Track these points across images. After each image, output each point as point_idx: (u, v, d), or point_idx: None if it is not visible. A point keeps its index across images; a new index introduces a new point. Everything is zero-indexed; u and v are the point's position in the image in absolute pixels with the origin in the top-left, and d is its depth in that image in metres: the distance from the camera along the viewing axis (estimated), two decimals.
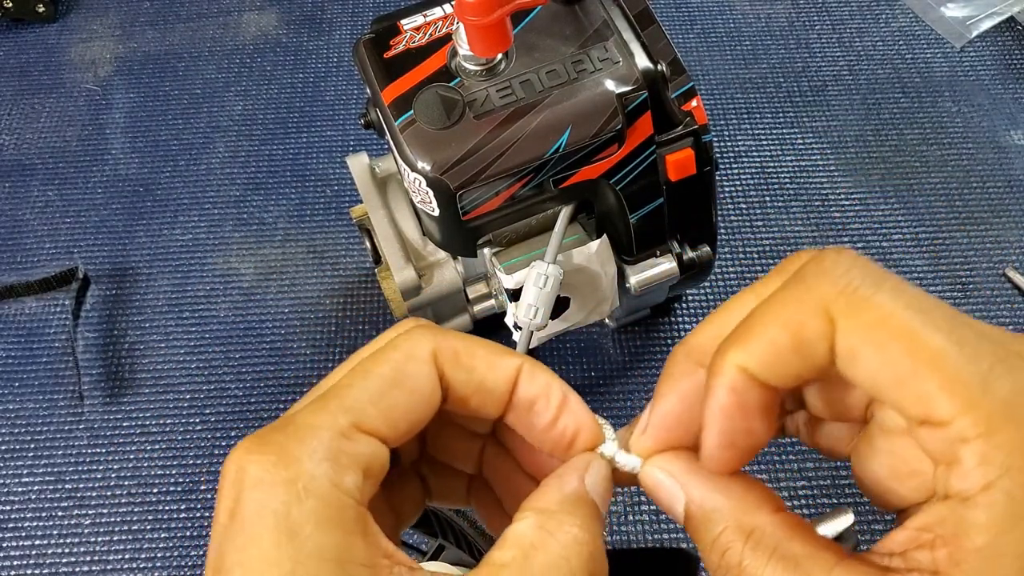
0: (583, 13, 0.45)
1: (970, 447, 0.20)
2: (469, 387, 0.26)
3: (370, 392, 0.25)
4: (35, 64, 0.75)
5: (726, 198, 0.65)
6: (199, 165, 0.68)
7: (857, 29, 0.74)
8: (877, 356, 0.21)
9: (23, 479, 0.55)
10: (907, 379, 0.20)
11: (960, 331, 0.20)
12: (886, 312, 0.21)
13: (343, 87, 0.72)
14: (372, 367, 0.25)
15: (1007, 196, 0.64)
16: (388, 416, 0.25)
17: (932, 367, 0.20)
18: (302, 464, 0.23)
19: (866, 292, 0.21)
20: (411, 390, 0.25)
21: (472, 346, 0.27)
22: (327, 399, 0.24)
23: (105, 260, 0.64)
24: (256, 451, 0.23)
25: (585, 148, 0.44)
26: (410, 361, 0.25)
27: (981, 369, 0.20)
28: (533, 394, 0.27)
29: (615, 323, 0.59)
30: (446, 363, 0.26)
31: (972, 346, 0.20)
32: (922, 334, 0.20)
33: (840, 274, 0.22)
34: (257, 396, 0.58)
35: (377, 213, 0.52)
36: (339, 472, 0.23)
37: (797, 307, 0.22)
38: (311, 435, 0.23)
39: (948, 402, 0.20)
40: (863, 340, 0.21)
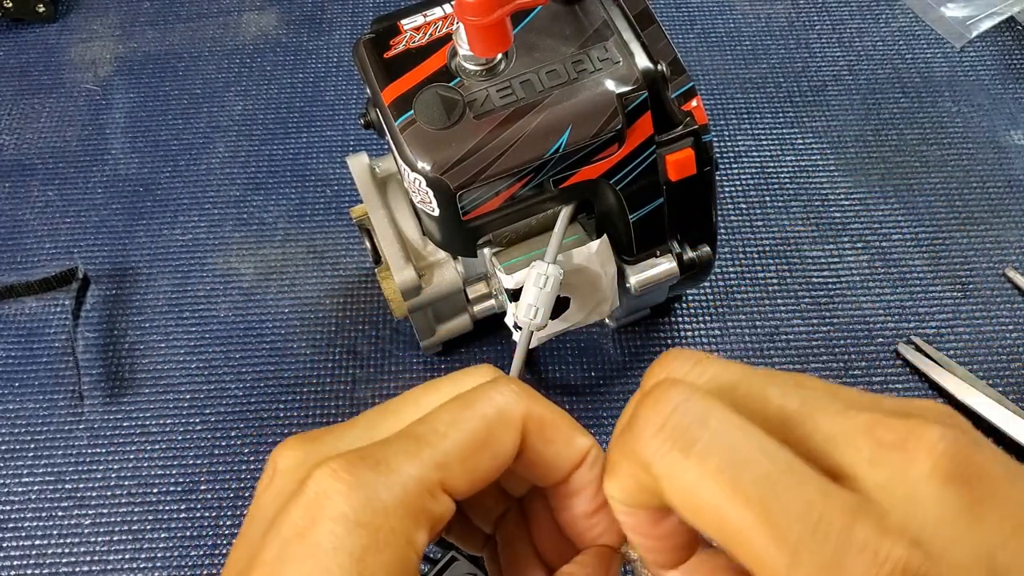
0: (583, 13, 0.45)
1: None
2: (543, 457, 0.27)
3: (461, 449, 0.25)
4: (35, 64, 0.75)
5: (726, 198, 0.65)
6: (199, 165, 0.68)
7: (857, 29, 0.74)
8: (694, 520, 0.22)
9: (23, 479, 0.55)
10: (727, 541, 0.21)
11: (772, 493, 0.20)
12: (693, 481, 0.21)
13: (343, 87, 0.72)
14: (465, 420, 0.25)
15: (1007, 196, 0.64)
16: (472, 478, 0.25)
17: (741, 541, 0.20)
18: (388, 514, 0.23)
19: (674, 458, 0.21)
20: (495, 455, 0.25)
21: (556, 419, 0.27)
22: (420, 444, 0.24)
23: (105, 260, 0.64)
24: (346, 482, 0.23)
25: (585, 148, 0.44)
26: (501, 424, 0.26)
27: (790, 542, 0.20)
28: (587, 480, 0.27)
29: (615, 323, 0.59)
30: (531, 432, 0.26)
31: (783, 513, 0.20)
32: (728, 506, 0.20)
33: (659, 426, 0.22)
34: (257, 396, 0.58)
35: (377, 213, 0.52)
36: (416, 529, 0.23)
37: (629, 460, 0.23)
38: (400, 485, 0.23)
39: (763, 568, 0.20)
40: (678, 504, 0.22)
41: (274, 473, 0.25)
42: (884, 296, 0.60)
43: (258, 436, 0.56)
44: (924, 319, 0.59)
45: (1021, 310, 0.59)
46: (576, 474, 0.27)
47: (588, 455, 0.27)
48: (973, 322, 0.59)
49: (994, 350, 0.58)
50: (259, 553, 0.23)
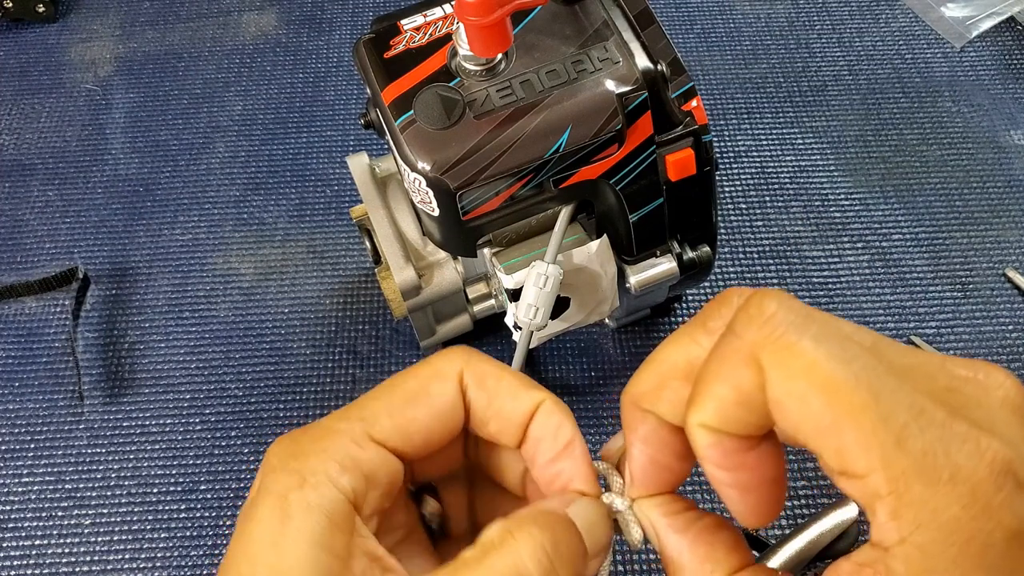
0: (583, 13, 0.45)
1: (883, 503, 0.20)
2: (489, 411, 0.28)
3: (390, 405, 0.27)
4: (35, 64, 0.75)
5: (726, 198, 0.65)
6: (199, 165, 0.68)
7: (857, 29, 0.74)
8: (799, 408, 0.21)
9: (23, 479, 0.55)
10: (826, 432, 0.21)
11: (880, 383, 0.21)
12: (808, 361, 0.21)
13: (343, 87, 0.72)
14: (400, 382, 0.28)
15: (1007, 196, 0.64)
16: (403, 429, 0.27)
17: (849, 422, 0.21)
18: (308, 459, 0.26)
19: (789, 339, 0.22)
20: (431, 406, 0.27)
21: (500, 372, 0.28)
22: (352, 407, 0.27)
23: (105, 260, 0.64)
24: (281, 444, 0.27)
25: (585, 148, 0.44)
26: (435, 378, 0.28)
27: (896, 425, 0.20)
28: (543, 432, 0.28)
29: (615, 323, 0.59)
30: (471, 384, 0.28)
31: (889, 400, 0.21)
32: (841, 387, 0.21)
33: (765, 320, 0.22)
34: (257, 396, 0.58)
35: (377, 213, 0.52)
36: (339, 472, 0.26)
37: (731, 360, 0.23)
38: (327, 437, 0.26)
39: (863, 458, 0.20)
40: (787, 392, 0.22)
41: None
42: (884, 296, 0.60)
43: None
44: (924, 319, 0.59)
45: (1021, 310, 0.59)
46: (532, 426, 0.28)
47: (541, 406, 0.28)
48: (973, 322, 0.59)
49: (994, 350, 0.58)
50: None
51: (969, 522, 0.20)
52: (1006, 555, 0.20)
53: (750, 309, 0.23)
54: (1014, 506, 0.20)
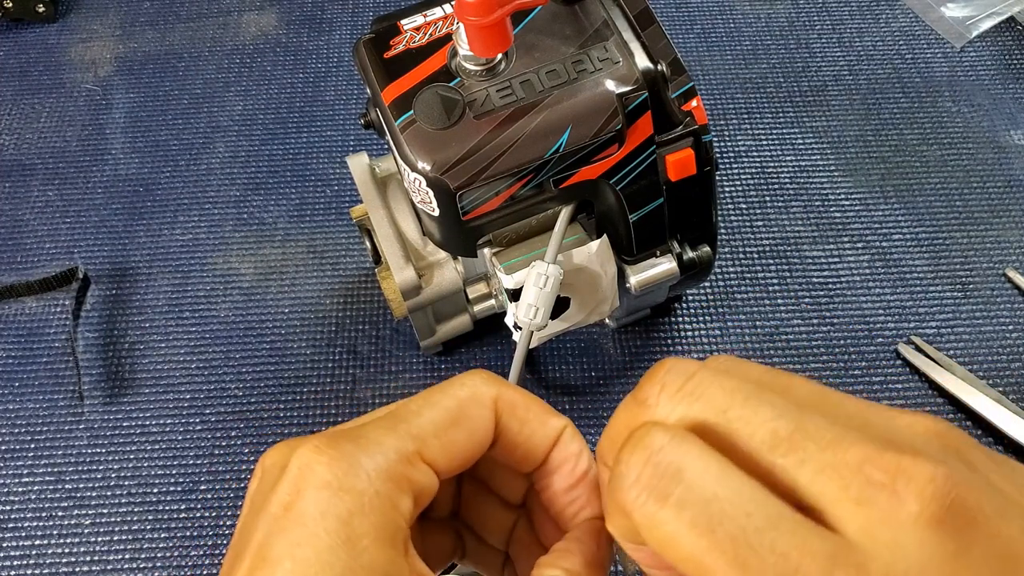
0: (583, 13, 0.45)
1: None
2: (519, 437, 0.28)
3: (436, 424, 0.26)
4: (35, 64, 0.75)
5: (726, 198, 0.65)
6: (199, 165, 0.68)
7: (857, 29, 0.74)
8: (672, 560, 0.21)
9: (23, 479, 0.55)
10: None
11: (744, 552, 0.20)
12: (668, 535, 0.21)
13: (343, 87, 0.72)
14: (439, 400, 0.27)
15: (1007, 196, 0.64)
16: (447, 450, 0.26)
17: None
18: (371, 480, 0.24)
19: (650, 509, 0.21)
20: (470, 430, 0.27)
21: (528, 402, 0.29)
22: (397, 420, 0.26)
23: (105, 260, 0.64)
24: (327, 454, 0.24)
25: (585, 148, 0.44)
26: (473, 402, 0.27)
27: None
28: (563, 457, 0.29)
29: (615, 323, 0.59)
30: (504, 412, 0.28)
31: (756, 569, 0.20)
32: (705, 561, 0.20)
33: (630, 484, 0.22)
34: (257, 396, 0.58)
35: (377, 213, 0.52)
36: (399, 494, 0.24)
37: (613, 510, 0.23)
38: (380, 453, 0.25)
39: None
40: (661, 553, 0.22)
41: (261, 472, 0.26)
42: (884, 296, 0.60)
43: (258, 436, 0.56)
44: (924, 319, 0.59)
45: (1021, 310, 0.59)
46: (554, 453, 0.29)
47: (563, 433, 0.29)
48: (973, 322, 0.59)
49: (994, 350, 0.58)
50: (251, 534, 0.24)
51: None
52: None
53: (627, 452, 0.23)
54: None
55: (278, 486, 0.24)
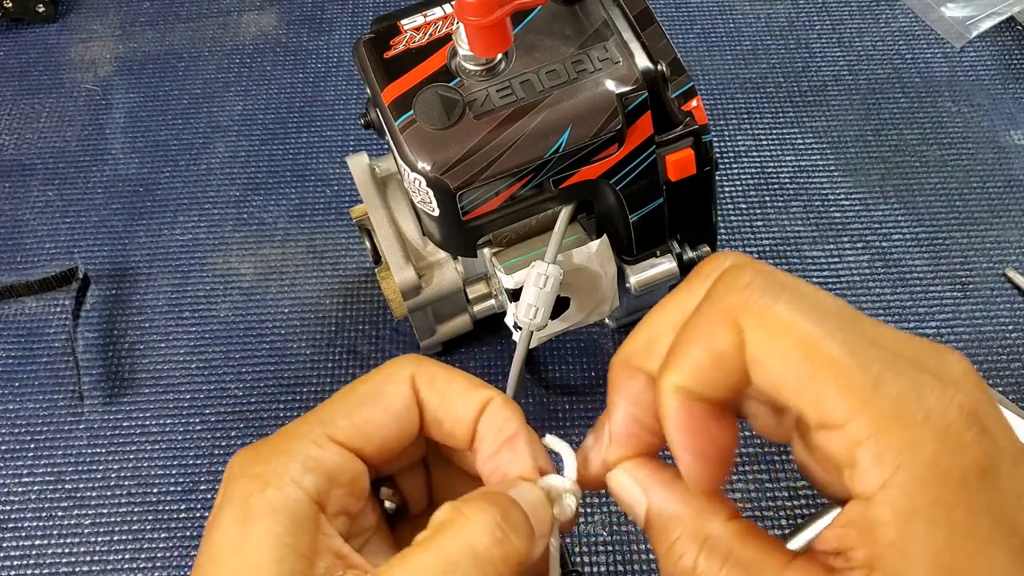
0: (583, 13, 0.45)
1: (864, 448, 0.21)
2: (441, 411, 0.29)
3: (345, 406, 0.28)
4: (35, 64, 0.75)
5: (726, 198, 0.65)
6: (199, 165, 0.68)
7: (857, 29, 0.74)
8: (778, 364, 0.22)
9: (23, 479, 0.55)
10: (805, 385, 0.22)
11: (852, 339, 0.22)
12: (785, 321, 0.22)
13: (343, 87, 0.72)
14: (355, 385, 0.28)
15: (1007, 196, 0.64)
16: (361, 429, 0.27)
17: (826, 374, 0.22)
18: (269, 463, 0.26)
19: (767, 302, 0.23)
20: (385, 407, 0.28)
21: (451, 374, 0.29)
22: (309, 414, 0.28)
23: (105, 260, 0.64)
24: (242, 454, 0.27)
25: (585, 148, 0.44)
26: (388, 381, 0.28)
27: (871, 374, 0.21)
28: (490, 423, 0.29)
29: (615, 323, 0.59)
30: (423, 385, 0.29)
31: (862, 353, 0.22)
32: (817, 343, 0.22)
33: (744, 285, 0.23)
34: (257, 396, 0.58)
35: (377, 213, 0.52)
36: (302, 472, 0.26)
37: (709, 323, 0.24)
38: (287, 441, 0.27)
39: (842, 406, 0.21)
40: (765, 349, 0.23)
41: None
42: (884, 296, 0.60)
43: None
44: (924, 319, 0.59)
45: (1021, 310, 0.59)
46: (480, 423, 0.29)
47: (488, 402, 0.29)
48: (973, 322, 0.59)
49: (994, 350, 0.58)
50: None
51: (946, 458, 0.21)
52: (980, 490, 0.21)
53: (727, 278, 0.24)
54: (984, 444, 0.21)
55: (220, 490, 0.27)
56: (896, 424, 0.21)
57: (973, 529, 0.21)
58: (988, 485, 0.21)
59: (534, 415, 0.56)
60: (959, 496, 0.21)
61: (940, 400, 0.21)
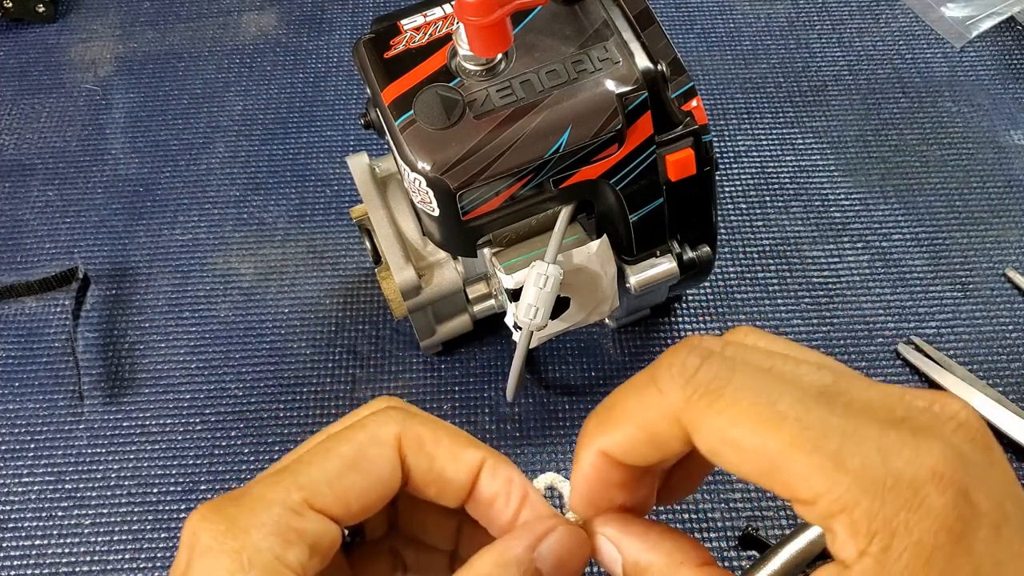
0: (583, 13, 0.45)
1: (838, 521, 0.21)
2: (429, 475, 0.27)
3: (327, 472, 0.26)
4: (35, 64, 0.75)
5: (726, 198, 0.65)
6: (199, 165, 0.68)
7: (857, 29, 0.74)
8: (736, 455, 0.22)
9: (23, 479, 0.55)
10: (768, 471, 0.22)
11: (808, 414, 0.22)
12: (733, 414, 0.22)
13: (343, 87, 0.72)
14: (334, 446, 0.27)
15: (1007, 196, 0.64)
16: (342, 497, 0.26)
17: (785, 457, 0.21)
18: (249, 536, 0.24)
19: (709, 398, 0.22)
20: (369, 473, 0.26)
21: (436, 434, 0.28)
22: (284, 474, 0.26)
23: (105, 260, 0.64)
24: (209, 519, 0.25)
25: (585, 148, 0.44)
26: (373, 444, 0.27)
27: (831, 448, 0.21)
28: (493, 491, 0.28)
29: (615, 323, 0.59)
30: (409, 450, 0.27)
31: (819, 427, 0.21)
32: (772, 429, 0.22)
33: (687, 379, 0.23)
34: (257, 396, 0.58)
35: (377, 213, 0.52)
36: (284, 547, 0.24)
37: (652, 413, 0.24)
38: (262, 508, 0.25)
39: (808, 486, 0.21)
40: (720, 443, 0.22)
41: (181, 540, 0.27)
42: (884, 296, 0.60)
43: (258, 436, 0.56)
44: (924, 319, 0.59)
45: (1021, 310, 0.59)
46: (479, 487, 0.28)
47: (483, 465, 0.28)
48: (973, 322, 0.59)
49: (994, 350, 0.58)
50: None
51: (917, 524, 0.20)
52: (953, 555, 0.20)
53: (673, 365, 0.23)
54: (958, 508, 0.20)
55: (177, 557, 0.25)
56: (864, 495, 0.21)
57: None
58: (961, 550, 0.20)
59: (534, 415, 0.56)
60: (930, 564, 0.20)
61: (909, 463, 0.21)
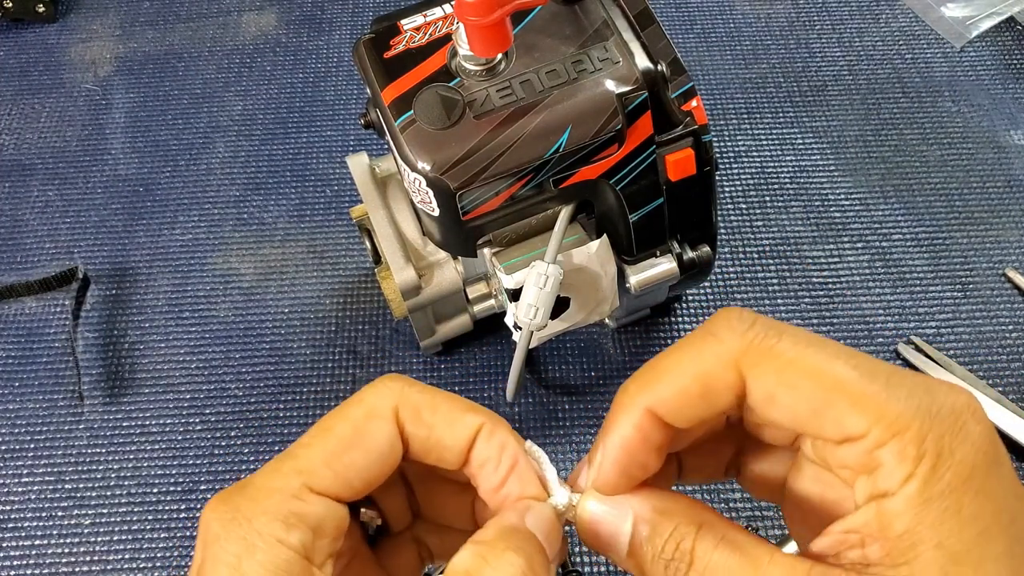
0: (583, 13, 0.45)
1: (887, 449, 0.23)
2: (428, 443, 0.28)
3: (326, 453, 0.27)
4: (35, 64, 0.75)
5: (726, 198, 0.65)
6: (199, 165, 0.68)
7: (857, 29, 0.74)
8: (791, 395, 0.24)
9: (23, 479, 0.55)
10: (821, 409, 0.23)
11: (854, 358, 0.24)
12: (791, 356, 0.24)
13: (343, 87, 0.72)
14: (333, 425, 0.27)
15: (1007, 196, 0.64)
16: (343, 476, 0.27)
17: (840, 393, 0.23)
18: (253, 523, 0.25)
19: (770, 342, 0.24)
20: (369, 449, 0.27)
21: (434, 401, 0.28)
22: (284, 460, 0.27)
23: (105, 260, 0.64)
24: (218, 510, 0.26)
25: (585, 148, 0.44)
26: (370, 419, 0.27)
27: (879, 383, 0.23)
28: (486, 456, 0.28)
29: (615, 323, 0.59)
30: (407, 419, 0.28)
31: (867, 367, 0.23)
32: (825, 368, 0.23)
33: (745, 329, 0.25)
34: (257, 396, 0.58)
35: (377, 213, 0.52)
36: (286, 530, 0.25)
37: (709, 360, 0.25)
38: (264, 496, 0.26)
39: (861, 418, 0.23)
40: (777, 384, 0.24)
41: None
42: (884, 296, 0.60)
43: (258, 436, 0.56)
44: (924, 319, 0.59)
45: (1021, 310, 0.59)
46: (474, 451, 0.28)
47: (480, 429, 0.28)
48: (973, 322, 0.59)
49: (994, 350, 0.58)
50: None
51: (960, 447, 0.22)
52: (988, 476, 0.22)
53: (731, 319, 0.25)
54: (991, 436, 0.23)
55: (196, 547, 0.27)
56: (914, 421, 0.22)
57: (978, 512, 0.22)
58: (995, 473, 0.22)
59: (534, 415, 0.56)
60: (969, 482, 0.22)
61: (948, 395, 0.23)
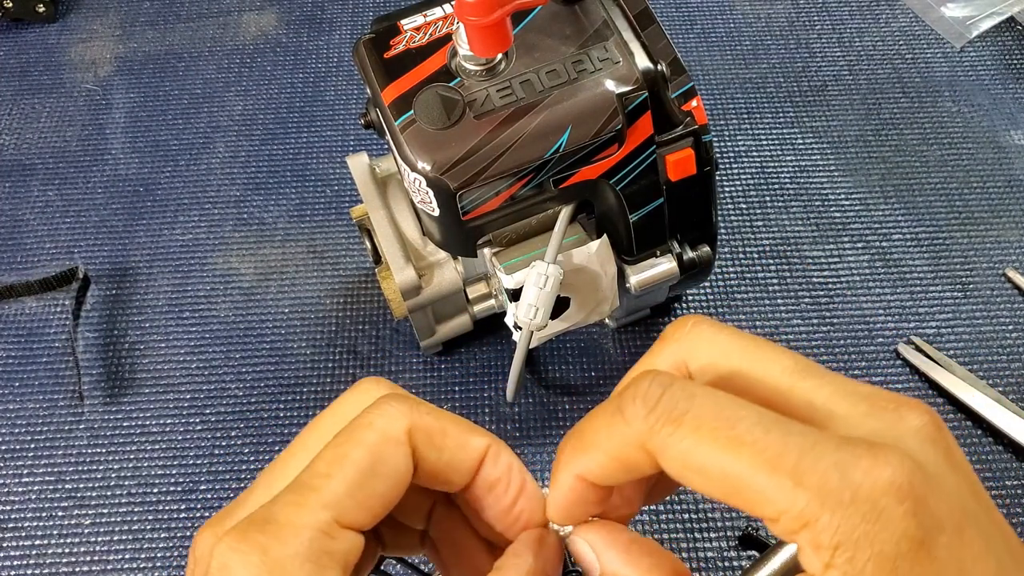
0: (583, 13, 0.45)
1: (801, 537, 0.22)
2: (438, 465, 0.27)
3: (348, 483, 0.25)
4: (35, 64, 0.75)
5: (726, 198, 0.65)
6: (199, 165, 0.68)
7: (857, 29, 0.74)
8: (701, 479, 0.23)
9: (23, 479, 0.55)
10: (732, 492, 0.23)
11: (765, 436, 0.22)
12: (696, 440, 0.23)
13: (343, 87, 0.72)
14: (348, 451, 0.26)
15: (1007, 196, 0.64)
16: (366, 506, 0.25)
17: (746, 480, 0.22)
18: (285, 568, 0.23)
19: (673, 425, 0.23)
20: (387, 476, 0.26)
21: (443, 424, 0.28)
22: (306, 492, 0.25)
23: (105, 260, 0.64)
24: (239, 548, 0.24)
25: (585, 148, 0.44)
26: (387, 444, 0.26)
27: (788, 466, 0.22)
28: (495, 477, 0.28)
29: (615, 323, 0.59)
30: (420, 443, 0.27)
31: (777, 448, 0.22)
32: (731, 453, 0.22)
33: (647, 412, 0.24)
34: (257, 396, 0.58)
35: (377, 213, 0.52)
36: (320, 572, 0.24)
37: (618, 441, 0.25)
38: (294, 536, 0.24)
39: (770, 505, 0.22)
40: (684, 468, 0.23)
41: (193, 562, 0.26)
42: (884, 296, 0.60)
43: (258, 436, 0.56)
44: (924, 319, 0.59)
45: (1021, 310, 0.59)
46: (482, 473, 0.28)
47: (487, 452, 0.28)
48: (973, 322, 0.59)
49: (994, 350, 0.58)
50: None
51: (878, 535, 0.21)
52: (915, 563, 0.21)
53: (636, 396, 0.24)
54: (917, 517, 0.21)
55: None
56: (823, 510, 0.21)
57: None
58: (924, 557, 0.21)
59: (534, 415, 0.56)
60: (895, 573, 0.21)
61: (867, 476, 0.21)
